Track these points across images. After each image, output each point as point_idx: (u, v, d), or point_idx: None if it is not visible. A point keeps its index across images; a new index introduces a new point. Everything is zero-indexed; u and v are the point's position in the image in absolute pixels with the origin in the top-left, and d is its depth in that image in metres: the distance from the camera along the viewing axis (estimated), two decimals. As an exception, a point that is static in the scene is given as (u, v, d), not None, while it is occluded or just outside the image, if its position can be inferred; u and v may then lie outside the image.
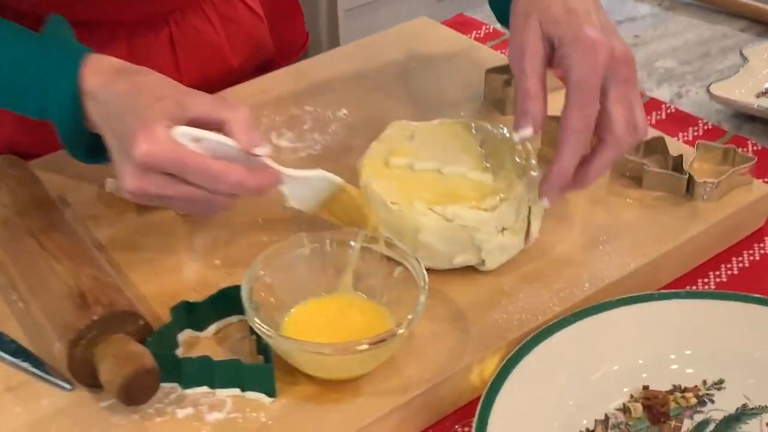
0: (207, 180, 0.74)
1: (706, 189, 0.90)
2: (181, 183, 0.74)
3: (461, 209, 0.79)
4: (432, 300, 0.80)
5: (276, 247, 0.77)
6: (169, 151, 0.73)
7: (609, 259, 0.84)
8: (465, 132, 0.88)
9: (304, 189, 0.80)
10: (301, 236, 0.78)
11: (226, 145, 0.75)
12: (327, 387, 0.73)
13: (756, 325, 0.78)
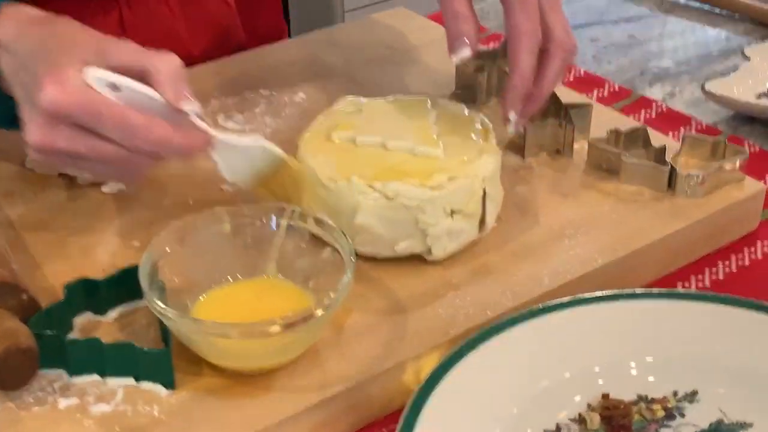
0: (125, 134, 0.65)
1: (690, 183, 0.80)
2: (95, 137, 0.65)
3: (404, 186, 0.69)
4: (369, 290, 0.71)
5: (188, 221, 0.68)
6: (81, 96, 0.64)
7: (574, 254, 0.74)
8: (419, 107, 0.79)
9: (240, 159, 0.71)
10: (219, 211, 0.69)
11: (148, 97, 0.66)
12: (236, 380, 0.64)
13: (735, 330, 0.67)
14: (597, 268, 0.73)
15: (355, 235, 0.71)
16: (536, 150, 0.86)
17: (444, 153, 0.73)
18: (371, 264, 0.73)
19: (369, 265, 0.73)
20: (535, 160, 0.86)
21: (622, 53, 1.14)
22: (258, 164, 0.71)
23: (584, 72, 1.09)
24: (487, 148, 0.74)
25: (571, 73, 1.08)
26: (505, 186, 0.80)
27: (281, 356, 0.63)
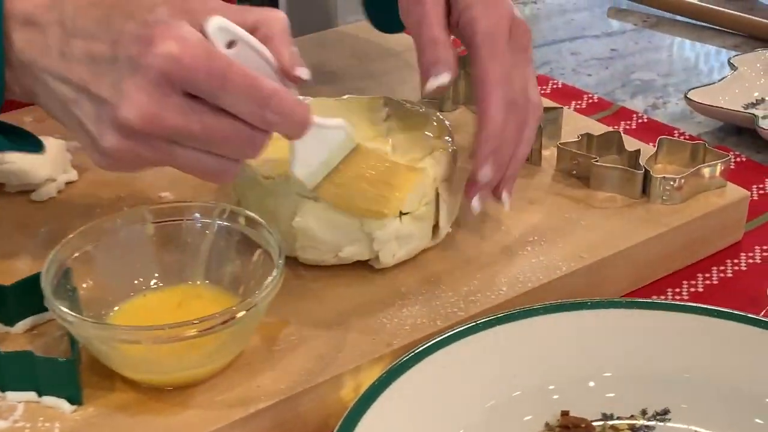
0: (255, 104, 0.52)
1: (666, 188, 0.73)
2: (212, 110, 0.52)
3: (346, 184, 0.63)
4: (309, 301, 0.65)
5: (106, 221, 0.61)
6: (204, 54, 0.51)
7: (536, 262, 0.68)
8: (371, 105, 0.73)
9: (316, 149, 0.59)
10: (141, 210, 0.62)
11: (260, 59, 0.54)
12: (151, 396, 0.57)
13: (711, 343, 0.61)
14: (561, 276, 0.66)
15: (295, 240, 0.65)
16: (502, 156, 0.80)
17: (393, 150, 0.67)
18: (314, 273, 0.67)
19: (311, 274, 0.67)
20: (501, 166, 0.79)
21: (602, 66, 1.09)
22: (335, 157, 0.60)
23: (562, 84, 1.03)
24: (441, 147, 0.68)
25: (547, 85, 1.02)
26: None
27: (201, 367, 0.56)
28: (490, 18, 0.65)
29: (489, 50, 0.65)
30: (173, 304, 0.60)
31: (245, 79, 0.52)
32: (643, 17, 1.21)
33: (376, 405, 0.56)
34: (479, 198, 0.66)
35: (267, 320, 0.62)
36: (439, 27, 0.66)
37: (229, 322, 0.54)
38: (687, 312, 0.62)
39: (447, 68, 0.64)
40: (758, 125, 0.88)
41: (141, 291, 0.62)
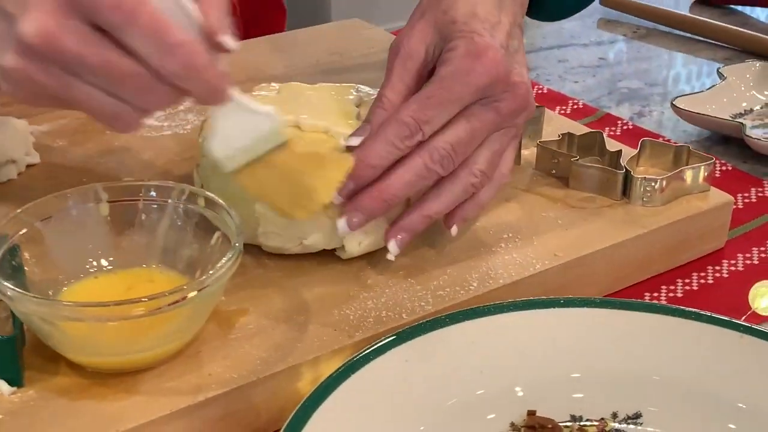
0: (157, 47, 0.50)
1: (647, 189, 0.71)
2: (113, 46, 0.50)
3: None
4: (270, 289, 0.62)
5: (57, 197, 0.59)
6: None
7: (510, 259, 0.65)
8: (342, 92, 0.70)
9: (240, 132, 0.57)
10: (95, 187, 0.60)
11: (182, 12, 0.51)
12: (96, 380, 0.54)
13: (688, 346, 0.58)
14: (534, 274, 0.64)
15: (258, 226, 0.62)
16: (480, 154, 0.77)
17: (364, 137, 0.64)
18: (277, 261, 0.64)
19: (275, 262, 0.64)
20: (479, 164, 0.77)
21: (590, 74, 1.06)
22: (259, 146, 0.58)
23: (548, 89, 1.00)
24: (413, 134, 0.65)
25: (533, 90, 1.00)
26: (442, 189, 0.72)
27: (148, 351, 0.53)
28: (462, 64, 0.60)
29: (428, 91, 0.60)
30: (123, 287, 0.57)
31: (153, 21, 0.49)
32: (633, 28, 1.19)
33: (332, 398, 0.53)
34: (396, 242, 0.62)
35: (225, 308, 0.60)
36: (397, 85, 0.62)
37: (179, 303, 0.51)
38: (662, 313, 0.59)
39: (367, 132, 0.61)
40: (746, 134, 0.86)
41: (92, 273, 0.59)
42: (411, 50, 0.63)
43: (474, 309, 0.59)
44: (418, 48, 0.63)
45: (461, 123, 0.61)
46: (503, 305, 0.59)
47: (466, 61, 0.60)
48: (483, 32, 0.62)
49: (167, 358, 0.55)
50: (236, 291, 0.61)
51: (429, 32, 0.63)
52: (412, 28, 0.64)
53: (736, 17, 1.21)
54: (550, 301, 0.60)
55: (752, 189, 0.82)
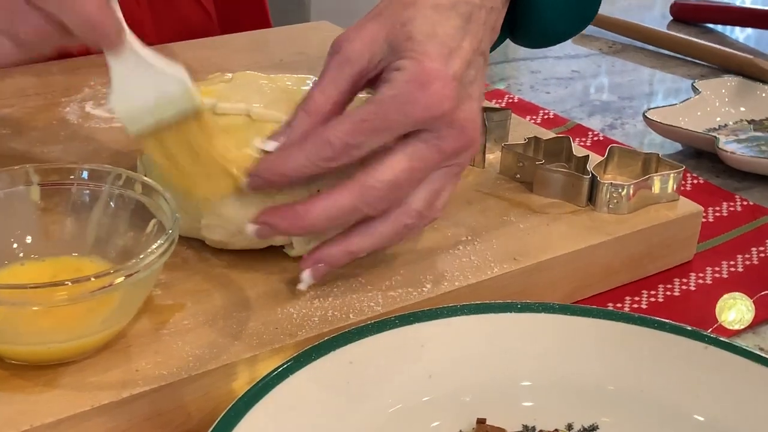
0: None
1: (613, 195, 0.68)
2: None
3: (256, 155, 0.57)
4: (211, 285, 0.58)
5: (-17, 177, 0.55)
6: None
7: (467, 262, 0.62)
8: (298, 82, 0.67)
9: (141, 90, 0.53)
10: (26, 169, 0.56)
11: None
12: (15, 372, 0.50)
13: (648, 356, 0.55)
14: (491, 278, 0.61)
15: (201, 217, 0.59)
16: (443, 156, 0.74)
17: (316, 128, 0.61)
18: (221, 257, 0.61)
19: (218, 258, 0.61)
20: (441, 166, 0.74)
21: (562, 85, 1.04)
22: (162, 109, 0.54)
23: (518, 98, 0.98)
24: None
25: (503, 99, 0.97)
26: (401, 190, 0.69)
27: (72, 340, 0.50)
28: (403, 89, 0.54)
29: (362, 112, 0.54)
30: (49, 275, 0.54)
31: None
32: (609, 43, 1.17)
33: (267, 399, 0.49)
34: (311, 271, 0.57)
35: (160, 303, 0.56)
36: (327, 90, 0.57)
37: (105, 289, 0.48)
38: (623, 321, 0.56)
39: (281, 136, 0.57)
40: (719, 147, 0.83)
41: (18, 259, 0.55)
42: (352, 54, 0.57)
43: (424, 311, 0.55)
44: (361, 53, 0.57)
45: (400, 160, 0.55)
46: (455, 308, 0.56)
47: (410, 87, 0.54)
48: (436, 57, 0.55)
49: (92, 351, 0.51)
50: (174, 285, 0.58)
51: (378, 40, 0.57)
52: (362, 29, 0.57)
53: (713, 36, 1.20)
54: (505, 305, 0.56)
55: (723, 203, 0.79)
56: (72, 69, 0.88)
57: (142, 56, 0.53)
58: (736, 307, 0.63)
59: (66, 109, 0.80)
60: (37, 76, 0.86)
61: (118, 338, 0.52)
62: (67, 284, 0.47)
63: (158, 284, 0.57)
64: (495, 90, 1.00)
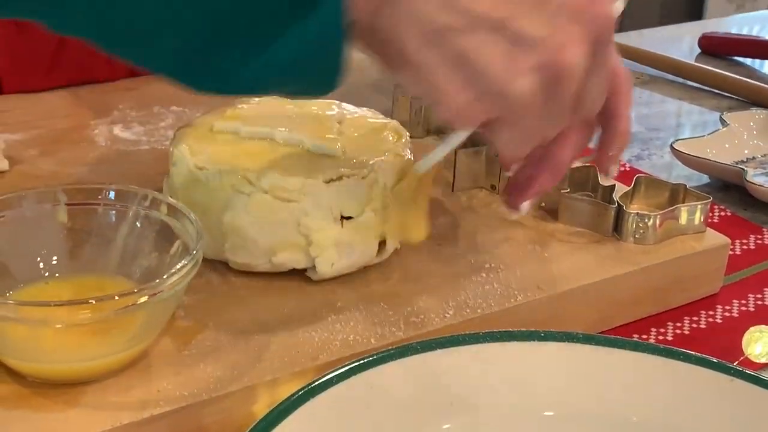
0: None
1: (639, 225, 0.67)
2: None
3: (282, 178, 0.57)
4: (234, 306, 0.58)
5: (12, 196, 0.55)
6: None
7: (491, 289, 0.61)
8: (323, 106, 0.67)
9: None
10: (54, 189, 0.56)
11: None
12: (36, 390, 0.51)
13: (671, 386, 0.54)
14: (514, 306, 0.60)
15: (225, 240, 0.59)
16: (468, 183, 0.74)
17: (343, 152, 0.61)
18: (244, 279, 0.61)
19: (241, 280, 0.61)
20: (466, 194, 0.74)
21: (589, 116, 1.03)
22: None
23: (544, 128, 0.97)
24: (394, 152, 0.62)
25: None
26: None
27: (94, 359, 0.50)
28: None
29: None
30: (71, 294, 0.54)
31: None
32: (636, 74, 1.17)
33: (287, 422, 0.49)
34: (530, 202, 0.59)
35: (182, 323, 0.56)
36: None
37: (128, 308, 0.48)
38: (648, 352, 0.55)
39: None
40: (747, 179, 0.83)
41: (43, 278, 0.55)
42: None
43: (447, 338, 0.55)
44: None
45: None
46: (478, 335, 0.55)
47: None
48: None
49: (114, 370, 0.51)
50: (197, 306, 0.58)
51: None
52: None
53: (741, 69, 1.19)
54: (528, 334, 0.56)
55: (751, 236, 0.79)
56: (101, 93, 0.88)
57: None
58: (762, 340, 0.62)
59: (95, 131, 0.81)
60: (67, 99, 0.87)
61: (140, 358, 0.52)
62: (91, 302, 0.47)
63: (181, 305, 0.57)
64: (521, 119, 0.99)
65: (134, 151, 0.78)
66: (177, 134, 0.64)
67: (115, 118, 0.83)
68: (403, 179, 0.61)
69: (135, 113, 0.85)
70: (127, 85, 0.92)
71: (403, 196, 0.62)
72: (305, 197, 0.57)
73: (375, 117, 0.68)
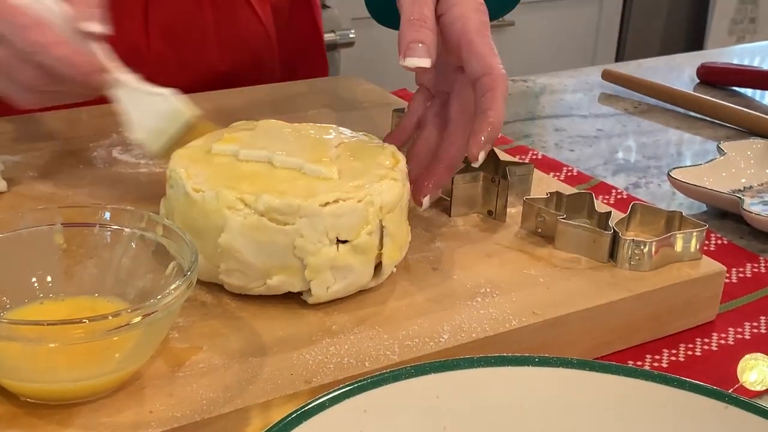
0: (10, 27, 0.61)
1: (635, 252, 0.67)
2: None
3: (277, 200, 0.57)
4: (228, 329, 0.58)
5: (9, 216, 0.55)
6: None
7: (485, 314, 0.61)
8: (321, 131, 0.67)
9: (148, 112, 0.65)
10: (51, 210, 0.57)
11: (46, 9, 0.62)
12: (28, 410, 0.50)
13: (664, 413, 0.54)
14: (509, 330, 0.60)
15: (221, 261, 0.59)
16: (464, 209, 0.74)
17: (339, 176, 0.61)
18: (239, 302, 0.61)
19: (236, 303, 0.61)
20: (463, 219, 0.74)
21: (586, 144, 1.04)
22: (168, 125, 0.66)
23: (542, 155, 0.98)
24: (392, 176, 0.62)
25: (527, 155, 0.97)
26: (422, 241, 0.69)
27: (86, 380, 0.50)
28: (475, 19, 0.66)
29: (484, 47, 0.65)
30: (65, 314, 0.54)
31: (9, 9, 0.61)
32: (635, 104, 1.17)
33: (280, 444, 0.49)
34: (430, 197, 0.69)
35: (176, 345, 0.56)
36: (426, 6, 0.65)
37: (122, 328, 0.48)
38: (642, 378, 0.55)
39: (424, 50, 0.63)
40: (743, 208, 0.83)
41: (38, 298, 0.55)
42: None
43: (442, 362, 0.55)
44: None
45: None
46: (473, 359, 0.55)
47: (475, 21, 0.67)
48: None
49: (106, 390, 0.51)
50: (191, 328, 0.58)
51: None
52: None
53: (740, 99, 1.19)
54: (523, 359, 0.56)
55: (747, 264, 0.79)
56: (100, 115, 0.89)
57: (136, 87, 0.64)
58: (757, 368, 0.62)
59: (93, 153, 0.81)
60: (66, 121, 0.87)
61: (133, 379, 0.52)
62: (85, 322, 0.47)
63: (175, 327, 0.57)
64: (519, 146, 1.00)
65: (132, 173, 0.78)
66: (174, 156, 0.64)
67: (114, 140, 0.84)
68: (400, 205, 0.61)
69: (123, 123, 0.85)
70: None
71: (400, 219, 0.62)
72: (301, 220, 0.57)
73: (372, 141, 0.68)
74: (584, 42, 2.64)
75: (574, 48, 2.63)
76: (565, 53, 2.60)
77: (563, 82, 1.24)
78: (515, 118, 1.10)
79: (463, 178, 0.73)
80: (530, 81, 1.24)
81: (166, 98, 0.65)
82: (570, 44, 2.62)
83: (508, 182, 0.73)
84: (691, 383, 0.54)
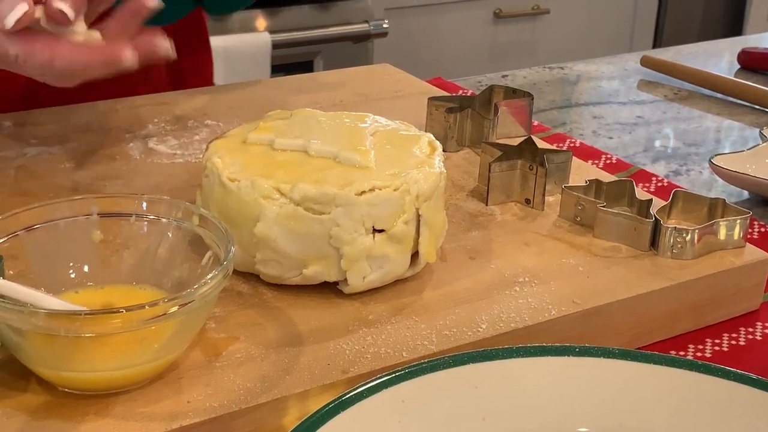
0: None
1: (677, 240, 0.66)
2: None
3: (313, 189, 0.57)
4: (264, 319, 0.58)
5: (46, 206, 0.55)
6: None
7: (524, 303, 0.61)
8: (357, 119, 0.67)
9: None
10: (88, 200, 0.56)
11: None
12: (65, 401, 0.50)
13: (710, 404, 0.53)
14: (549, 320, 0.59)
15: (256, 251, 0.59)
16: (502, 197, 0.74)
17: (376, 164, 0.61)
18: (275, 291, 0.60)
19: (273, 293, 0.61)
20: (500, 207, 0.73)
21: (625, 131, 1.02)
22: None
23: (580, 143, 0.97)
24: (427, 164, 0.62)
25: (564, 143, 0.96)
26: (459, 230, 0.68)
27: (123, 369, 0.49)
28: None
29: None
30: (102, 304, 0.54)
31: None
32: (674, 90, 1.16)
33: (320, 433, 0.48)
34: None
35: (213, 335, 0.56)
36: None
37: (159, 318, 0.47)
38: (686, 368, 0.54)
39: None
40: (786, 195, 0.81)
41: (74, 288, 0.55)
42: None
43: (480, 352, 0.54)
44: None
45: None
46: (512, 349, 0.55)
47: None
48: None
49: (144, 380, 0.51)
50: (228, 318, 0.57)
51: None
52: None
53: (780, 84, 1.17)
54: (563, 349, 0.55)
55: (792, 252, 0.77)
56: (136, 107, 0.89)
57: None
58: (804, 358, 0.60)
59: (129, 144, 0.81)
60: (102, 113, 0.87)
61: (170, 369, 0.52)
62: (122, 312, 0.47)
63: (212, 317, 0.57)
64: (556, 134, 0.99)
65: (168, 164, 0.78)
66: (210, 146, 0.63)
67: (150, 131, 0.84)
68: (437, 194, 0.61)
69: (170, 127, 0.85)
70: (162, 99, 0.92)
71: (437, 208, 0.61)
72: (337, 209, 0.57)
73: (408, 130, 0.67)
74: (621, 28, 2.61)
75: (611, 35, 2.60)
76: (602, 40, 2.57)
77: (600, 69, 1.22)
78: (552, 105, 1.09)
79: (500, 166, 0.72)
80: (567, 68, 1.22)
81: None
82: (606, 31, 2.59)
83: (546, 170, 0.72)
84: (736, 373, 0.53)
